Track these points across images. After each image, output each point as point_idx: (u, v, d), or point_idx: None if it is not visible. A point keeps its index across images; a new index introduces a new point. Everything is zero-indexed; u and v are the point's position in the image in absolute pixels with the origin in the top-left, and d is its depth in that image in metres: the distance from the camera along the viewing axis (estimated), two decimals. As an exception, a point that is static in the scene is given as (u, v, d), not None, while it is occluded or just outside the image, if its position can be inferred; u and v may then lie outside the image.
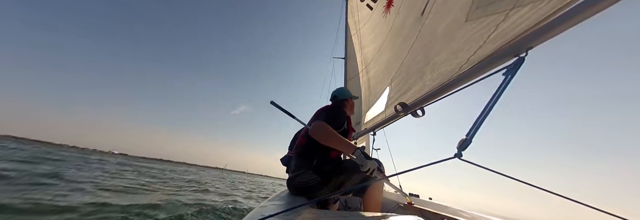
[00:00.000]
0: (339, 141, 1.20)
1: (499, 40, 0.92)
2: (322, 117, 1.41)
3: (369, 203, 1.35)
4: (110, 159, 21.71)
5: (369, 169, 1.10)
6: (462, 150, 0.67)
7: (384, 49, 2.84)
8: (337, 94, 1.78)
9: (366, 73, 3.33)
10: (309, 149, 1.39)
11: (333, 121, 1.38)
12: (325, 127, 1.24)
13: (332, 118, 1.41)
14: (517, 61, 0.79)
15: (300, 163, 1.38)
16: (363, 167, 1.10)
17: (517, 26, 0.84)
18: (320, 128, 1.24)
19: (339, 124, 1.44)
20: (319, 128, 1.24)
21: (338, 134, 1.23)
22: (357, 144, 3.42)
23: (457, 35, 1.29)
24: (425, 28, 1.79)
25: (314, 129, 1.25)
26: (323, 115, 1.45)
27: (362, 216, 0.79)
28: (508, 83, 0.76)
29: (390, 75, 2.33)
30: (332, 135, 1.21)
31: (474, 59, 1.06)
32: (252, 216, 0.80)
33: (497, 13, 0.97)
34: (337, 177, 1.27)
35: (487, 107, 0.73)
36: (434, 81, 1.42)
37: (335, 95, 1.78)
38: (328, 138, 1.21)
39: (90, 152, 68.27)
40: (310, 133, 1.25)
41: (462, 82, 1.13)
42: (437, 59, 1.48)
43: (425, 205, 1.56)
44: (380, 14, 3.19)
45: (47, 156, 10.48)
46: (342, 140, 1.20)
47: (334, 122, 1.38)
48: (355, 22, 4.34)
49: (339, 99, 1.75)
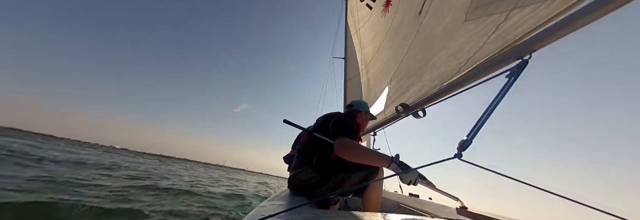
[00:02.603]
0: (371, 156, 1.08)
1: (500, 41, 0.91)
2: (337, 129, 1.27)
3: (368, 203, 1.35)
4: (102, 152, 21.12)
5: (410, 182, 0.99)
6: (463, 150, 0.67)
7: (383, 48, 2.84)
8: (355, 104, 1.69)
9: (366, 73, 3.33)
10: (310, 147, 1.38)
11: (351, 133, 1.26)
12: (350, 144, 1.12)
13: (349, 130, 1.28)
14: (521, 64, 0.78)
15: (300, 161, 1.37)
16: (403, 180, 0.99)
17: (518, 27, 0.83)
18: (346, 146, 1.11)
19: (355, 135, 1.32)
20: (346, 146, 1.11)
21: (368, 148, 1.13)
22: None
23: (456, 35, 1.28)
24: (423, 27, 1.79)
25: (339, 148, 1.11)
26: (338, 126, 1.30)
27: (362, 216, 0.79)
28: (511, 85, 0.75)
29: (390, 75, 2.33)
30: (362, 151, 1.09)
31: (474, 60, 1.05)
32: (251, 216, 0.80)
33: (497, 13, 0.96)
34: (336, 176, 1.26)
35: (489, 109, 0.73)
36: (433, 81, 1.42)
37: (352, 105, 1.70)
38: (358, 155, 1.09)
39: (100, 147, 70.36)
40: (336, 152, 1.12)
41: (464, 84, 1.12)
42: (436, 59, 1.48)
43: (416, 203, 1.50)
44: (379, 13, 3.19)
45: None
46: (373, 155, 1.08)
47: (351, 133, 1.26)
48: (355, 22, 4.34)
49: (354, 109, 1.68)
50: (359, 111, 1.67)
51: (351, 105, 1.71)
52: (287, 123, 1.44)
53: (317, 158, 1.32)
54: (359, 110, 1.67)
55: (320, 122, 1.46)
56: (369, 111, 1.73)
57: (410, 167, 0.99)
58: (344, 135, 1.17)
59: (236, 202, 5.24)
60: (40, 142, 18.33)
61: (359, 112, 1.67)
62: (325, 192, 1.27)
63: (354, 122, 1.43)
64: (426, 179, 1.13)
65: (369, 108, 1.74)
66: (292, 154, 1.85)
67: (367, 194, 1.35)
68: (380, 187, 1.49)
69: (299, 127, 1.48)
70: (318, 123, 1.48)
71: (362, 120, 1.67)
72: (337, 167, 1.28)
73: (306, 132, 1.45)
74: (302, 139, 1.52)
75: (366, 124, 1.77)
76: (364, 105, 1.72)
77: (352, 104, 1.72)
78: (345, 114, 1.67)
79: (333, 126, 1.31)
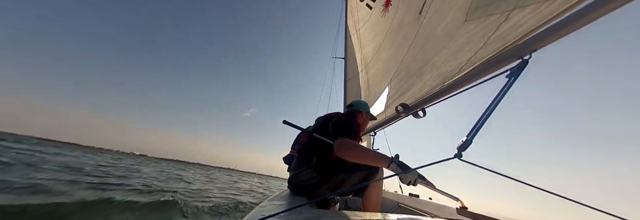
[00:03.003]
0: (370, 156, 1.09)
1: (501, 41, 0.91)
2: (337, 129, 1.28)
3: (368, 203, 1.35)
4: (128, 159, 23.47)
5: (409, 182, 1.00)
6: (462, 150, 0.67)
7: (383, 48, 2.84)
8: (355, 104, 1.69)
9: (366, 73, 3.33)
10: (309, 147, 1.38)
11: (351, 133, 1.27)
12: (350, 144, 1.12)
13: (349, 130, 1.28)
14: (521, 63, 0.78)
15: (300, 162, 1.37)
16: (403, 180, 1.00)
17: (519, 27, 0.83)
18: (346, 146, 1.11)
19: (354, 135, 1.32)
20: (346, 146, 1.11)
21: (367, 148, 1.13)
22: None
23: (456, 35, 1.28)
24: (423, 27, 1.79)
25: (339, 148, 1.11)
26: (338, 126, 1.30)
27: (362, 216, 0.79)
28: (511, 85, 0.75)
29: (390, 75, 2.32)
30: (361, 151, 1.10)
31: (475, 60, 1.05)
32: (251, 216, 0.80)
33: (498, 14, 0.96)
34: (336, 176, 1.26)
35: (489, 109, 0.73)
36: (434, 81, 1.42)
37: (353, 105, 1.70)
38: (358, 155, 1.09)
39: (118, 153, 75.30)
40: (336, 153, 1.12)
41: (464, 84, 1.12)
42: (436, 59, 1.48)
43: (414, 203, 1.51)
44: (379, 13, 3.19)
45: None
46: (373, 155, 1.09)
47: (351, 134, 1.27)
48: (355, 22, 4.34)
49: (354, 109, 1.67)
50: (360, 111, 1.67)
51: (352, 105, 1.71)
52: (286, 124, 1.44)
53: (317, 158, 1.31)
54: (360, 111, 1.67)
55: (320, 122, 1.45)
56: (370, 111, 1.73)
57: (410, 167, 0.99)
58: (344, 136, 1.17)
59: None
60: (84, 153, 17.84)
61: (360, 112, 1.67)
62: (325, 192, 1.27)
63: (354, 122, 1.42)
64: (426, 179, 1.13)
65: (369, 108, 1.73)
66: (291, 154, 1.85)
67: (367, 194, 1.35)
68: (380, 187, 1.49)
69: (298, 128, 1.48)
70: (318, 123, 1.48)
71: (362, 121, 1.67)
72: (337, 167, 1.28)
73: (306, 133, 1.44)
74: (302, 139, 1.51)
75: (366, 124, 1.77)
76: (365, 105, 1.71)
77: (353, 104, 1.71)
78: (345, 114, 1.66)
79: (333, 126, 1.31)
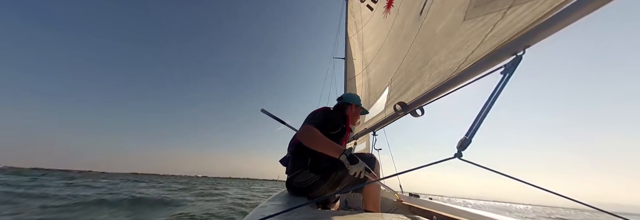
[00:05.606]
0: (324, 145, 1.18)
1: (497, 38, 0.92)
2: (314, 120, 1.39)
3: (368, 198, 1.35)
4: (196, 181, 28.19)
5: (355, 173, 1.09)
6: (462, 150, 0.67)
7: (384, 49, 2.84)
8: (345, 97, 1.74)
9: (366, 73, 3.33)
10: (302, 148, 1.36)
11: (325, 124, 1.35)
12: (311, 130, 1.22)
13: (324, 121, 1.37)
14: (515, 59, 0.79)
15: (295, 163, 1.37)
16: (350, 170, 1.10)
17: (514, 24, 0.84)
18: (305, 132, 1.23)
19: (333, 126, 1.40)
20: (305, 132, 1.23)
21: (325, 138, 1.20)
22: (357, 144, 3.41)
23: (455, 34, 1.29)
24: (424, 27, 1.79)
25: (300, 133, 1.24)
26: (316, 117, 1.41)
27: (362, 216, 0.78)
28: (506, 81, 0.76)
29: (390, 75, 2.33)
30: (318, 139, 1.19)
31: (473, 58, 1.05)
32: (251, 216, 0.80)
33: (495, 12, 0.97)
34: (335, 173, 1.26)
35: (485, 106, 0.73)
36: (433, 80, 1.42)
37: (342, 97, 1.75)
38: (313, 142, 1.20)
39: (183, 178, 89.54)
40: (297, 137, 1.24)
41: (460, 81, 1.13)
42: (436, 59, 1.48)
43: (414, 202, 1.56)
44: (380, 14, 3.19)
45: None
46: (328, 145, 1.18)
47: (326, 124, 1.35)
48: (356, 23, 4.34)
49: (343, 102, 1.72)
50: (349, 104, 1.70)
51: (341, 98, 1.75)
52: (264, 113, 1.43)
53: (312, 158, 1.31)
54: (349, 103, 1.71)
55: (308, 118, 1.48)
56: (360, 104, 1.75)
57: (360, 160, 1.12)
58: (312, 124, 1.27)
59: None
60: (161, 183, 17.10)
61: (349, 105, 1.70)
62: (325, 191, 1.27)
63: (342, 114, 1.48)
64: (371, 172, 1.19)
65: (360, 101, 1.77)
66: (288, 156, 1.83)
67: (366, 191, 1.36)
68: (379, 185, 1.49)
69: (276, 119, 1.46)
70: (306, 119, 1.49)
71: (351, 113, 1.70)
72: (333, 164, 1.28)
73: (282, 122, 1.46)
74: (294, 139, 1.48)
75: (357, 117, 1.79)
76: (356, 98, 1.75)
77: (343, 97, 1.75)
78: (334, 106, 1.71)
79: (315, 118, 1.39)
